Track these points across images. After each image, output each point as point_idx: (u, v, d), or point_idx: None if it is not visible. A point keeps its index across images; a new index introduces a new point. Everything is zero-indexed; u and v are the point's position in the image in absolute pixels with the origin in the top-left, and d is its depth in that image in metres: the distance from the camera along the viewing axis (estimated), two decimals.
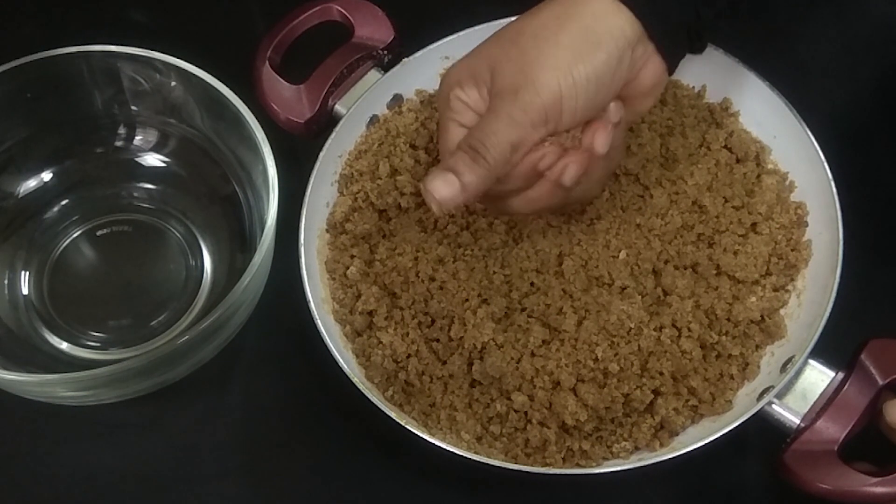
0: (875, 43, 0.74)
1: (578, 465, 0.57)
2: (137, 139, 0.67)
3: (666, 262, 0.61)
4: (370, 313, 0.61)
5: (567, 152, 0.54)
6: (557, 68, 0.51)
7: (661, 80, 0.55)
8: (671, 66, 0.55)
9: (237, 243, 0.65)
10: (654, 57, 0.54)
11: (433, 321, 0.60)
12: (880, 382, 0.55)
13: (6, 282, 0.65)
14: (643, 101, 0.56)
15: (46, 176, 0.67)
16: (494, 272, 0.61)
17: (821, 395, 0.56)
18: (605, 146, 0.54)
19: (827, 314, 0.57)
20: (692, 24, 0.54)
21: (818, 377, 0.57)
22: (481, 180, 0.52)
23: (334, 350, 0.58)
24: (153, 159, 0.68)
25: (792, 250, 0.62)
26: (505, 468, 0.55)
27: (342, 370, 0.57)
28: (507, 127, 0.52)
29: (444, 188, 0.52)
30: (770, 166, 0.65)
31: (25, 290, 0.65)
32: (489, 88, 0.53)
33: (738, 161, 0.65)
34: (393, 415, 0.56)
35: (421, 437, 0.55)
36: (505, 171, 0.52)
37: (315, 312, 0.59)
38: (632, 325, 0.58)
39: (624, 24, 0.52)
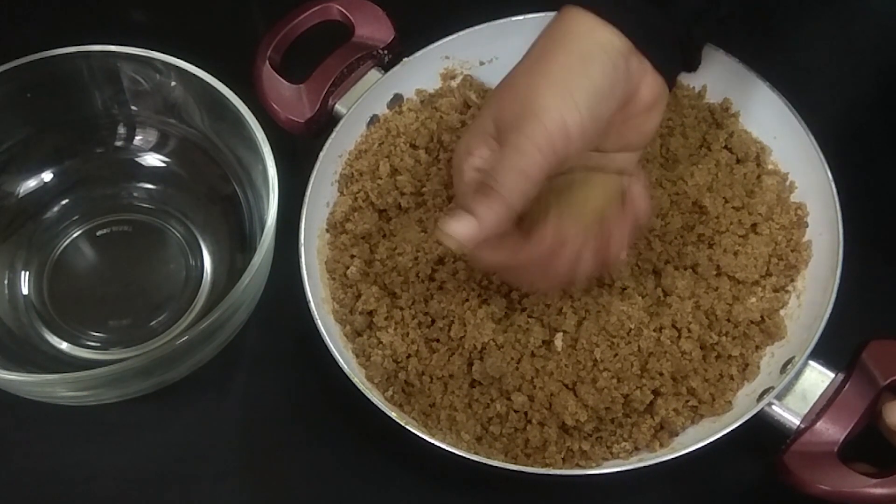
0: (875, 43, 0.74)
1: (578, 466, 0.57)
2: (137, 139, 0.67)
3: (666, 262, 0.61)
4: (370, 313, 0.61)
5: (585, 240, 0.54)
6: (553, 91, 0.51)
7: (662, 96, 0.54)
8: (669, 82, 0.54)
9: (237, 243, 0.65)
10: (650, 71, 0.53)
11: (433, 321, 0.60)
12: (881, 383, 0.55)
13: (6, 282, 0.65)
14: (647, 119, 0.55)
15: (46, 176, 0.67)
16: (494, 272, 0.61)
17: (821, 395, 0.56)
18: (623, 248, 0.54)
19: (827, 315, 0.57)
20: (684, 43, 0.54)
21: (818, 378, 0.57)
22: (496, 213, 0.50)
23: (334, 350, 0.58)
24: (153, 159, 0.68)
25: (792, 251, 0.62)
26: (505, 468, 0.55)
27: (342, 370, 0.57)
28: (513, 156, 0.50)
29: (459, 226, 0.50)
30: (770, 167, 0.65)
31: (25, 290, 0.65)
32: (497, 139, 0.52)
33: (738, 161, 0.65)
34: (393, 415, 0.56)
35: (421, 437, 0.55)
36: (520, 202, 0.51)
37: (315, 312, 0.59)
38: (632, 326, 0.58)
39: (612, 36, 0.52)
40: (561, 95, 0.50)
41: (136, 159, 0.68)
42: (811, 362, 0.57)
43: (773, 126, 0.65)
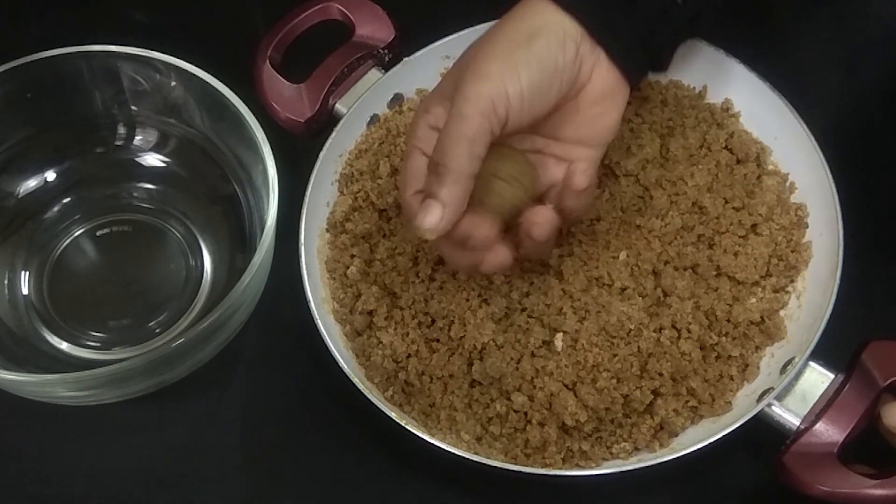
0: (875, 44, 0.74)
1: (578, 466, 0.57)
2: (137, 139, 0.67)
3: (666, 263, 0.61)
4: (370, 313, 0.61)
5: (535, 209, 0.55)
6: (496, 57, 0.52)
7: (617, 90, 0.55)
8: (629, 77, 0.55)
9: (237, 243, 0.65)
10: (604, 61, 0.54)
11: (433, 321, 0.60)
12: (880, 384, 0.55)
13: (6, 282, 0.65)
14: (602, 112, 0.55)
15: (46, 176, 0.67)
16: (494, 272, 0.61)
17: (820, 396, 0.56)
18: (541, 235, 0.55)
19: (827, 316, 0.57)
20: (647, 40, 0.55)
21: (818, 379, 0.57)
22: (453, 187, 0.51)
23: (334, 350, 0.58)
24: (153, 159, 0.68)
25: (792, 251, 0.62)
26: (504, 469, 0.55)
27: (342, 370, 0.57)
28: (457, 124, 0.51)
29: (426, 216, 0.51)
30: (770, 167, 0.65)
31: (25, 290, 0.65)
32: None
33: (738, 162, 0.64)
34: (393, 415, 0.56)
35: (421, 437, 0.55)
36: (471, 169, 0.51)
37: (315, 312, 0.59)
38: (631, 327, 0.58)
39: (562, 19, 0.53)
40: (502, 63, 0.51)
41: (136, 159, 0.68)
42: (811, 363, 0.57)
43: (773, 126, 0.65)
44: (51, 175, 0.67)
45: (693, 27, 0.57)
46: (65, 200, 0.67)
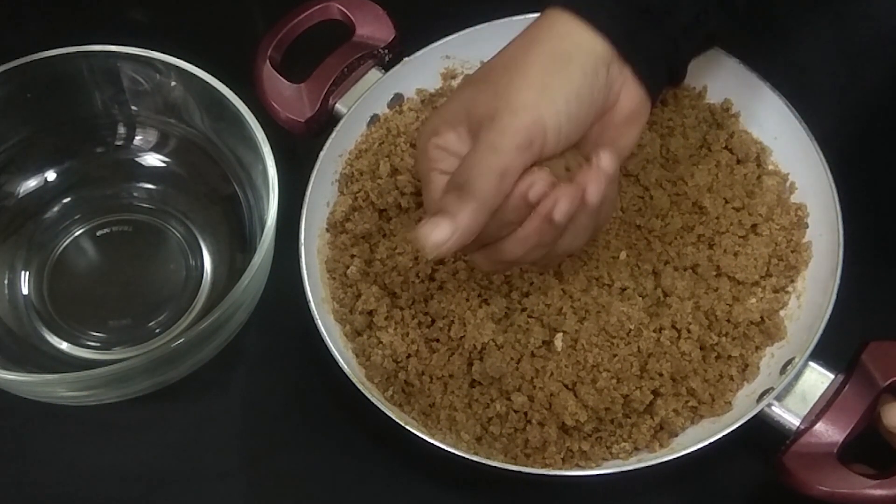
0: (876, 44, 0.73)
1: (578, 466, 0.57)
2: (137, 139, 0.67)
3: (666, 263, 0.61)
4: (370, 313, 0.61)
5: (559, 185, 0.51)
6: (531, 87, 0.50)
7: (642, 108, 0.53)
8: (652, 94, 0.53)
9: (237, 243, 0.65)
10: (632, 81, 0.52)
11: (433, 321, 0.60)
12: (880, 385, 0.55)
13: (6, 282, 0.65)
14: (624, 132, 0.54)
15: (46, 176, 0.67)
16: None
17: (820, 396, 0.56)
18: (597, 195, 0.50)
19: (827, 316, 0.57)
20: (671, 56, 0.53)
21: (818, 379, 0.57)
22: (473, 216, 0.49)
23: (334, 350, 0.58)
24: (153, 159, 0.68)
25: (792, 252, 0.62)
26: (504, 469, 0.55)
27: (342, 370, 0.57)
28: (489, 155, 0.49)
29: (434, 232, 0.49)
30: (770, 167, 0.65)
31: (25, 290, 0.65)
32: (468, 128, 0.51)
33: (738, 162, 0.64)
34: (393, 415, 0.56)
35: (421, 437, 0.55)
36: (496, 202, 0.49)
37: (315, 312, 0.59)
38: (631, 327, 0.58)
39: (592, 41, 0.51)
40: (539, 94, 0.49)
41: (136, 159, 0.68)
42: (811, 363, 0.57)
43: (773, 127, 0.65)
44: (51, 175, 0.67)
45: (711, 41, 0.56)
46: (65, 200, 0.67)
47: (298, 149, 0.66)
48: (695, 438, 0.56)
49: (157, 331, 0.64)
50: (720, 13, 0.54)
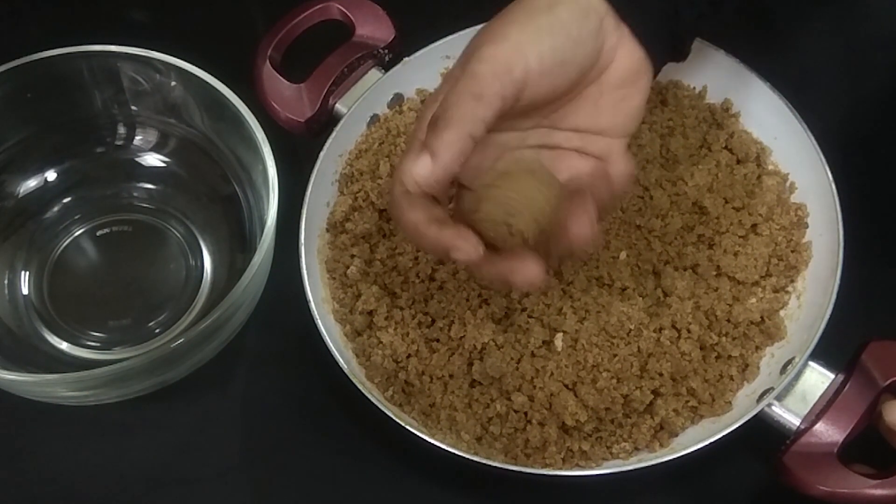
0: (876, 44, 0.73)
1: (578, 466, 0.57)
2: (137, 139, 0.67)
3: (666, 263, 0.61)
4: (370, 313, 0.61)
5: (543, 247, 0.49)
6: (512, 22, 0.49)
7: (642, 70, 0.52)
8: (652, 56, 0.52)
9: (237, 243, 0.65)
10: (630, 40, 0.51)
11: (433, 321, 0.60)
12: (880, 384, 0.55)
13: (6, 282, 0.65)
14: (625, 96, 0.52)
15: (46, 176, 0.67)
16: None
17: (821, 396, 0.56)
18: (585, 234, 0.49)
19: (827, 316, 0.57)
20: (674, 23, 0.52)
21: (818, 379, 0.57)
22: (451, 143, 0.46)
23: (334, 350, 0.58)
24: (153, 159, 0.68)
25: (792, 251, 0.62)
26: (505, 469, 0.55)
27: (342, 370, 0.57)
28: (464, 81, 0.47)
29: (416, 165, 0.47)
30: (771, 167, 0.65)
31: (25, 290, 0.65)
32: None
33: (738, 162, 0.64)
34: (393, 415, 0.56)
35: (421, 437, 0.55)
36: (474, 129, 0.47)
37: (315, 312, 0.59)
38: (631, 327, 0.58)
39: None
40: (521, 27, 0.49)
41: (136, 159, 0.68)
42: (811, 363, 0.57)
43: (773, 126, 0.65)
44: (51, 175, 0.67)
45: (716, 13, 0.54)
46: (65, 200, 0.67)
47: (298, 149, 0.66)
48: (695, 438, 0.56)
49: (157, 331, 0.64)
50: None
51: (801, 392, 0.56)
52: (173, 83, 0.63)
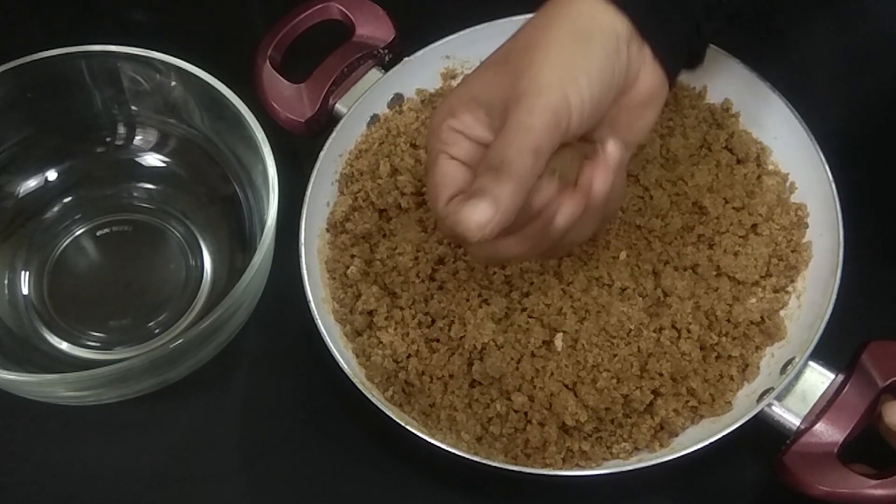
0: (876, 45, 0.73)
1: (578, 466, 0.57)
2: (137, 139, 0.67)
3: (666, 263, 0.61)
4: (370, 313, 0.61)
5: (564, 190, 0.51)
6: (554, 66, 0.49)
7: (661, 90, 0.53)
8: (671, 77, 0.53)
9: (237, 243, 0.65)
10: (651, 62, 0.52)
11: (433, 321, 0.60)
12: (880, 384, 0.55)
13: (6, 282, 0.65)
14: (642, 114, 0.53)
15: (47, 176, 0.67)
16: (494, 272, 0.61)
17: (821, 396, 0.56)
18: (604, 189, 0.51)
19: (827, 316, 0.57)
20: (692, 38, 0.53)
21: (818, 379, 0.57)
22: (512, 196, 0.48)
23: (334, 350, 0.58)
24: (153, 159, 0.68)
25: (792, 252, 0.62)
26: (505, 469, 0.55)
27: (342, 370, 0.57)
28: (523, 134, 0.48)
29: (476, 213, 0.47)
30: (771, 167, 0.65)
31: (25, 290, 0.65)
32: (486, 111, 0.50)
33: (738, 162, 0.64)
34: (393, 415, 0.56)
35: (421, 437, 0.55)
36: (531, 182, 0.48)
37: (315, 312, 0.59)
38: (631, 327, 0.58)
39: (612, 18, 0.50)
40: (563, 73, 0.49)
41: (136, 159, 0.68)
42: (811, 363, 0.57)
43: (773, 126, 0.65)
44: (51, 175, 0.67)
45: (731, 24, 0.54)
46: (65, 200, 0.67)
47: (298, 149, 0.66)
48: (695, 438, 0.56)
49: (157, 331, 0.64)
50: None
51: (801, 392, 0.56)
52: (173, 83, 0.63)
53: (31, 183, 0.67)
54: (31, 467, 0.61)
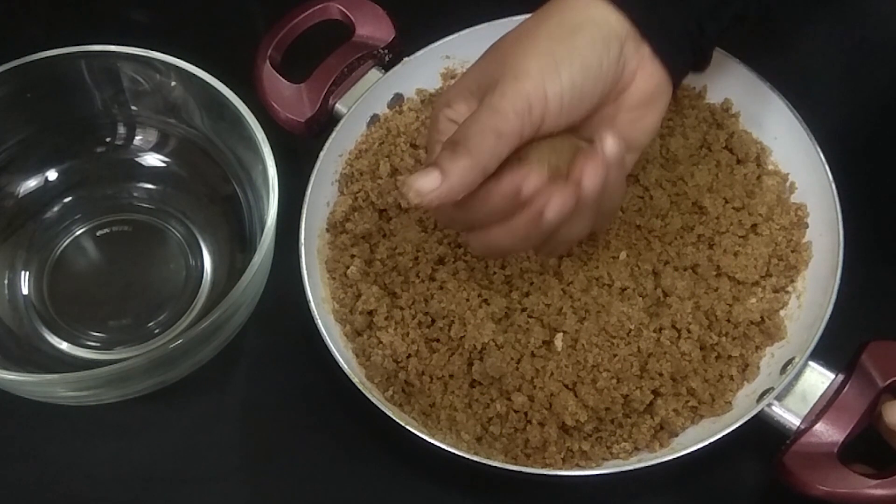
0: (876, 45, 0.73)
1: (578, 466, 0.57)
2: (137, 139, 0.67)
3: (666, 263, 0.61)
4: (370, 313, 0.61)
5: (555, 182, 0.50)
6: (536, 55, 0.49)
7: (662, 90, 0.53)
8: (674, 77, 0.52)
9: (237, 243, 0.65)
10: (651, 61, 0.51)
11: (433, 321, 0.60)
12: (880, 384, 0.55)
13: (6, 282, 0.65)
14: (643, 115, 0.53)
15: (47, 176, 0.67)
16: (494, 272, 0.61)
17: (821, 396, 0.56)
18: (593, 184, 0.50)
19: (827, 316, 0.57)
20: (695, 38, 0.52)
21: (818, 379, 0.57)
22: (463, 171, 0.48)
23: (334, 350, 0.58)
24: (153, 159, 0.68)
25: (792, 252, 0.62)
26: (505, 469, 0.55)
27: (342, 370, 0.57)
28: (487, 115, 0.48)
29: (421, 180, 0.48)
30: (771, 167, 0.65)
31: (25, 290, 0.65)
32: (479, 100, 0.51)
33: (738, 162, 0.64)
34: (393, 415, 0.56)
35: (421, 437, 0.55)
36: (489, 163, 0.48)
37: (315, 312, 0.59)
38: (631, 327, 0.58)
39: (606, 13, 0.50)
40: (544, 61, 0.49)
41: (136, 159, 0.68)
42: (811, 363, 0.57)
43: (773, 127, 0.65)
44: (51, 175, 0.67)
45: (739, 25, 0.54)
46: (65, 200, 0.67)
47: (298, 149, 0.66)
48: (695, 438, 0.56)
49: (157, 331, 0.64)
50: None
51: (801, 392, 0.56)
52: (173, 83, 0.63)
53: (31, 183, 0.67)
54: (31, 467, 0.61)
